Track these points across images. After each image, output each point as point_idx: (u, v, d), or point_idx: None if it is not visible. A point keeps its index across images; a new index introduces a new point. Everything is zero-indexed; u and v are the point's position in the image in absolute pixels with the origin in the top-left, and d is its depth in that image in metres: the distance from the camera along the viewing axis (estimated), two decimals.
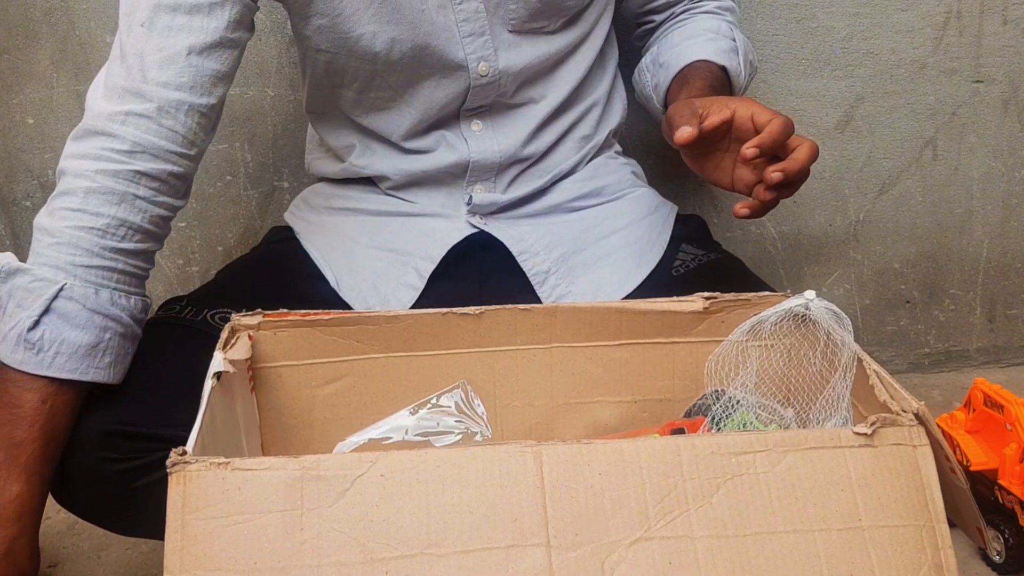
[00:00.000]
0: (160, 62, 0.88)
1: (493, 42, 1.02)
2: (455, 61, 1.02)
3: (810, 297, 0.77)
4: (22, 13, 1.40)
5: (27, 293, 0.83)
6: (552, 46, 1.06)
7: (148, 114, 0.88)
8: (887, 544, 0.60)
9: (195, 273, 1.54)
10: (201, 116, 0.90)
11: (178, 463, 0.59)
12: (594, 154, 1.13)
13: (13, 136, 1.46)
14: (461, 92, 1.04)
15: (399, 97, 1.05)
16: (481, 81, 1.03)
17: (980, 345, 1.63)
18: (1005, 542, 1.11)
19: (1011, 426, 1.10)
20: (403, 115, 1.06)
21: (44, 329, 0.82)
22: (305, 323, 0.82)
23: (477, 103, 1.05)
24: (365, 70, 1.02)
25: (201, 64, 0.89)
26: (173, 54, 0.88)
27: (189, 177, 0.93)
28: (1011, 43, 1.46)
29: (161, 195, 0.90)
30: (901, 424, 0.62)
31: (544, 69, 1.07)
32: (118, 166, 0.87)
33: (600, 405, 0.87)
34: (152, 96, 0.88)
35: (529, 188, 1.08)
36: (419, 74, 1.03)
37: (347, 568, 0.57)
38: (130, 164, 0.87)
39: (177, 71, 0.88)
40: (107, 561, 1.23)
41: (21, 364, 0.82)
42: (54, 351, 0.82)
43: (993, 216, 1.55)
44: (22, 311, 0.82)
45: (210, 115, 0.92)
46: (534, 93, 1.08)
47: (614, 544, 0.58)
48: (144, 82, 0.88)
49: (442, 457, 0.60)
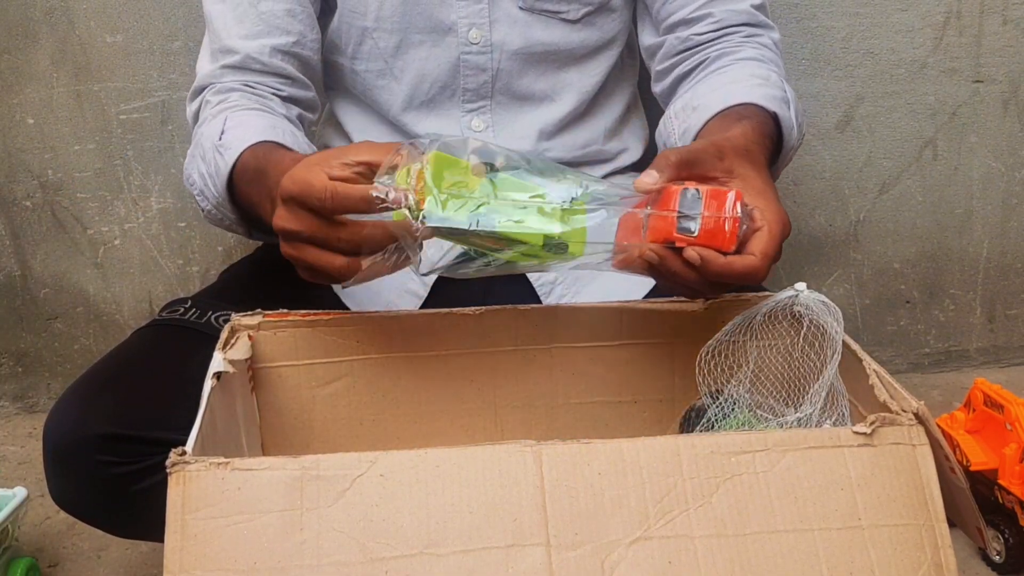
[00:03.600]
0: (236, 20, 1.00)
1: (491, 12, 1.02)
2: (444, 23, 1.02)
3: (800, 288, 0.76)
4: (22, 13, 1.40)
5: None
6: (566, 38, 1.05)
7: (238, 64, 1.00)
8: (887, 543, 0.60)
9: (195, 273, 1.54)
10: (284, 55, 1.01)
11: (178, 463, 0.59)
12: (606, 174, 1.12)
13: (13, 136, 1.46)
14: (452, 63, 1.03)
15: (389, 71, 1.05)
16: (472, 50, 1.03)
17: (980, 345, 1.63)
18: (1005, 542, 1.11)
19: (1011, 426, 1.10)
20: (394, 92, 1.06)
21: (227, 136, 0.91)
22: (305, 323, 0.82)
23: (473, 86, 1.05)
24: (356, 28, 1.03)
25: (270, 8, 1.00)
26: (244, 10, 1.00)
27: (301, 98, 1.03)
28: (1011, 43, 1.46)
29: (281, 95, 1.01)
30: (901, 424, 0.62)
31: (551, 60, 1.06)
32: (235, 95, 0.98)
33: (600, 405, 0.87)
34: (238, 49, 1.00)
35: None
36: (408, 39, 1.03)
37: (347, 568, 0.57)
38: (244, 94, 0.99)
39: (251, 23, 1.00)
40: (107, 561, 1.23)
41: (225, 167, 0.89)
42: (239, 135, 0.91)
43: (993, 216, 1.55)
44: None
45: (293, 50, 1.01)
46: (537, 88, 1.07)
47: (614, 544, 0.58)
48: (229, 39, 1.00)
49: (442, 457, 0.60)
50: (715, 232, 0.69)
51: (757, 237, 0.72)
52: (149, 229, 1.51)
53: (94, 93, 1.44)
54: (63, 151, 1.47)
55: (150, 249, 1.53)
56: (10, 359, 1.59)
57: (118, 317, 1.56)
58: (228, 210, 0.93)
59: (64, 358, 1.59)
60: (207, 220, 0.98)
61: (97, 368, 0.92)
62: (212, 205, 0.94)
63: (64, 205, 1.50)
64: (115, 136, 1.46)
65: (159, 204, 1.50)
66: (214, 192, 0.92)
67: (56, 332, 1.58)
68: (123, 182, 1.49)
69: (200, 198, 0.95)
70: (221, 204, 0.93)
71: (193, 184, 0.96)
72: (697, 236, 0.69)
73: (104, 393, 0.87)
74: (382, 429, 0.85)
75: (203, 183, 0.93)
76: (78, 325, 1.57)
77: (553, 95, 1.07)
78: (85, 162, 1.47)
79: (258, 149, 0.88)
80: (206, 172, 0.93)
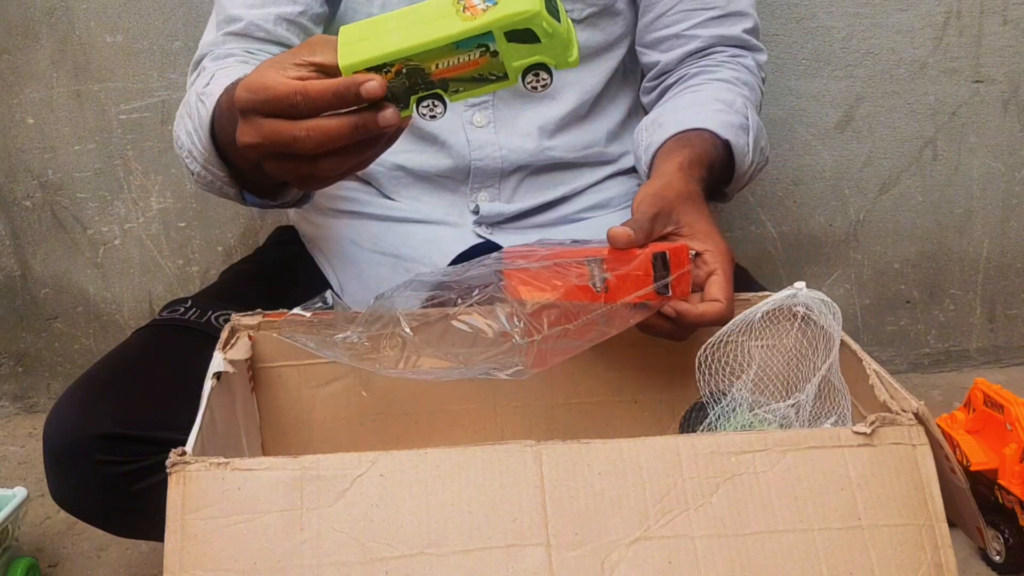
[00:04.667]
0: None
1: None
2: None
3: (799, 287, 0.77)
4: (22, 13, 1.40)
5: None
6: None
7: (241, 31, 0.99)
8: (887, 543, 0.60)
9: (195, 273, 1.54)
10: (289, 24, 1.00)
11: (178, 463, 0.59)
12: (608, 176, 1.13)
13: (13, 136, 1.46)
14: None
15: None
16: None
17: (980, 345, 1.63)
18: (1005, 542, 1.11)
19: (1011, 426, 1.10)
20: None
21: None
22: (305, 323, 0.82)
23: None
24: (361, 16, 1.03)
25: None
26: None
27: None
28: (1011, 43, 1.46)
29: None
30: (901, 424, 0.62)
31: None
32: (231, 60, 0.97)
33: (600, 405, 0.87)
34: (242, 16, 0.99)
35: (536, 200, 1.08)
36: None
37: (347, 568, 0.57)
38: (241, 60, 0.97)
39: None
40: (107, 561, 1.23)
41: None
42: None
43: (993, 216, 1.55)
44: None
45: (299, 20, 1.01)
46: None
47: (614, 543, 0.58)
48: (233, 7, 1.00)
49: (442, 457, 0.60)
50: (678, 285, 0.79)
51: (714, 283, 0.80)
52: (149, 229, 1.51)
53: (94, 93, 1.44)
54: (63, 151, 1.47)
55: (150, 249, 1.53)
56: (10, 359, 1.59)
57: (118, 317, 1.56)
58: (215, 166, 0.88)
59: (64, 358, 1.59)
60: (198, 185, 0.92)
61: (97, 368, 0.92)
62: (200, 165, 0.89)
63: (64, 205, 1.50)
64: (115, 136, 1.46)
65: (159, 204, 1.50)
66: (200, 149, 0.87)
67: (56, 332, 1.58)
68: (123, 182, 1.49)
69: (189, 159, 0.90)
70: (209, 160, 0.87)
71: (182, 146, 0.91)
72: (671, 295, 0.78)
73: (104, 393, 0.87)
74: (382, 429, 0.85)
75: (190, 141, 0.89)
76: (78, 325, 1.57)
77: (554, 93, 1.07)
78: (85, 162, 1.47)
79: (232, 86, 0.83)
80: (191, 128, 0.88)
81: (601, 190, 1.11)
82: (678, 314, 0.78)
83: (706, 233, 0.82)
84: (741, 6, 1.08)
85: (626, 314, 0.76)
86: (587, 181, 1.11)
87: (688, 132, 0.96)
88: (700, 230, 0.82)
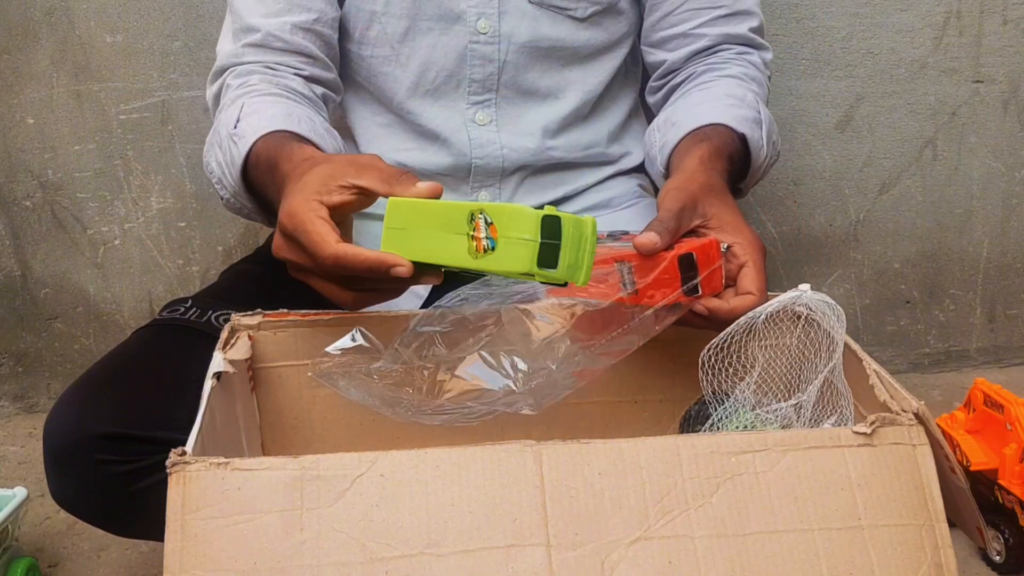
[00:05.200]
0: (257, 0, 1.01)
1: (500, 3, 1.02)
2: (453, 11, 1.02)
3: (804, 289, 0.77)
4: (22, 13, 1.40)
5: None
6: (573, 35, 1.05)
7: (259, 42, 1.00)
8: (887, 543, 0.60)
9: (195, 273, 1.54)
10: (305, 32, 1.01)
11: (178, 463, 0.59)
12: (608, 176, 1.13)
13: (13, 136, 1.46)
14: (459, 52, 1.03)
15: (395, 57, 1.05)
16: (480, 40, 1.03)
17: (980, 345, 1.63)
18: (1005, 542, 1.11)
19: (1011, 426, 1.10)
20: (399, 79, 1.05)
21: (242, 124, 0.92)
22: (305, 323, 0.82)
23: (480, 77, 1.05)
24: (365, 12, 1.03)
25: None
26: None
27: (322, 79, 1.03)
28: (1011, 43, 1.46)
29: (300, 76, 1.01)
30: (901, 424, 0.62)
31: (556, 57, 1.06)
32: (255, 78, 0.99)
33: (600, 405, 0.87)
34: (259, 27, 1.00)
35: (536, 200, 1.07)
36: (417, 25, 1.03)
37: (347, 568, 0.57)
38: (263, 77, 0.99)
39: (272, 1, 1.01)
40: (107, 561, 1.23)
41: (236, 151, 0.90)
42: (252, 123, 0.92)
43: (993, 216, 1.55)
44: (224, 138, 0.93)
45: (315, 28, 1.01)
46: (542, 84, 1.06)
47: (614, 543, 0.58)
48: (250, 17, 1.01)
49: (442, 457, 0.60)
50: (709, 282, 0.78)
51: (746, 275, 0.80)
52: (149, 229, 1.51)
53: (94, 93, 1.44)
54: (63, 151, 1.47)
55: (150, 249, 1.53)
56: (10, 359, 1.59)
57: (118, 317, 1.56)
58: (245, 199, 0.94)
59: (64, 358, 1.59)
60: (227, 208, 0.98)
61: (97, 368, 0.92)
62: (230, 194, 0.94)
63: (64, 205, 1.50)
64: (115, 136, 1.46)
65: (159, 204, 1.50)
66: (231, 181, 0.92)
67: (56, 332, 1.58)
68: (123, 182, 1.49)
69: (219, 187, 0.95)
70: (238, 193, 0.93)
71: (212, 172, 0.96)
72: (701, 294, 0.77)
73: (104, 393, 0.87)
74: (382, 429, 0.85)
75: (220, 171, 0.94)
76: (78, 325, 1.57)
77: (557, 92, 1.07)
78: (85, 162, 1.48)
79: (270, 139, 0.89)
80: (223, 160, 0.93)
81: (602, 190, 1.12)
82: (710, 312, 0.78)
83: (734, 225, 0.82)
84: (747, 5, 1.08)
85: (657, 318, 0.76)
86: (588, 181, 1.11)
87: (704, 128, 0.96)
88: (728, 222, 0.82)
